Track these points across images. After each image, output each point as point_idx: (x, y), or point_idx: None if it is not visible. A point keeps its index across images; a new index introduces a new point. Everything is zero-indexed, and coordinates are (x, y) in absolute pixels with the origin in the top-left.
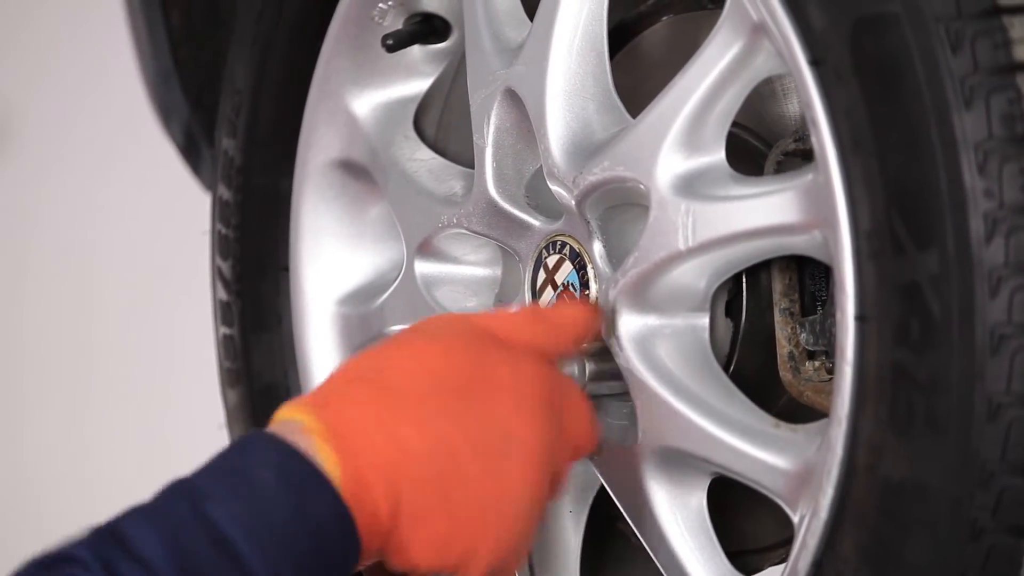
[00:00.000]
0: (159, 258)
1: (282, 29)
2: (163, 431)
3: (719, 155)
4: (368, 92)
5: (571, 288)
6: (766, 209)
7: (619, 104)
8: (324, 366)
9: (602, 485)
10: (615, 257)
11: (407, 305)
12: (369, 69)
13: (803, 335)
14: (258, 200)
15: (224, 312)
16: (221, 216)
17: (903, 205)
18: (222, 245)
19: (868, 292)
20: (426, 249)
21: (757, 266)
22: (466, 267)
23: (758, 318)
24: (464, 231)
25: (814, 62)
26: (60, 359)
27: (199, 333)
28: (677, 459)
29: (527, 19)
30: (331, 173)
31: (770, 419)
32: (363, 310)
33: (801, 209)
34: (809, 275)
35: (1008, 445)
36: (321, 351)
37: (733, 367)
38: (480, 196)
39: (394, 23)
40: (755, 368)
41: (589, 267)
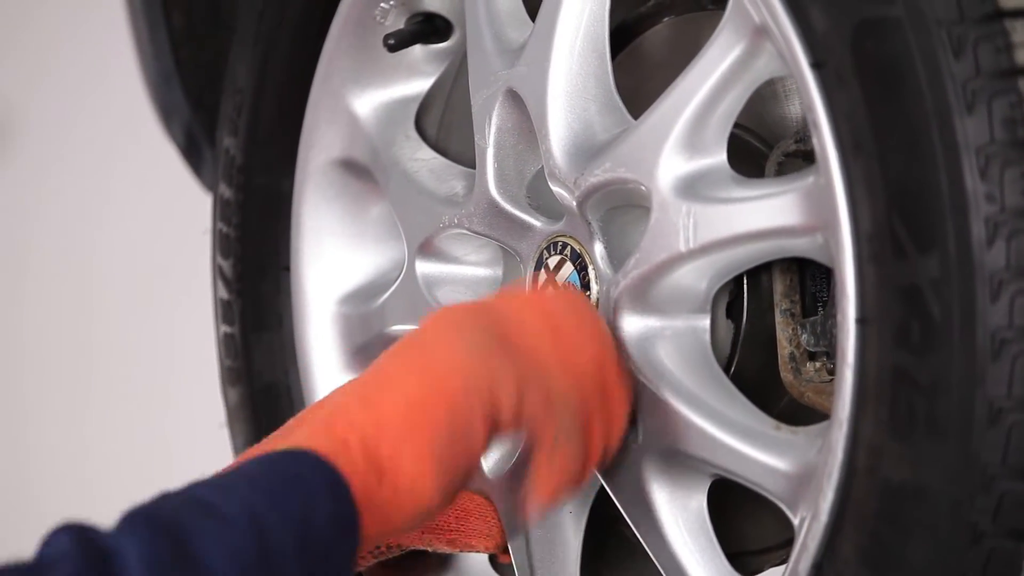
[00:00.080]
0: (159, 258)
1: (284, 29)
2: (163, 430)
3: (720, 157)
4: (370, 92)
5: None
6: (767, 211)
7: (621, 105)
8: (325, 365)
9: (602, 486)
10: (616, 258)
11: (408, 305)
12: (371, 69)
13: (804, 336)
14: (259, 199)
15: (225, 311)
16: (222, 215)
17: (904, 208)
18: (223, 244)
19: (869, 295)
20: (427, 249)
21: (758, 267)
22: (467, 267)
23: (759, 319)
24: (465, 231)
25: (816, 64)
26: (60, 359)
27: (200, 332)
28: (677, 460)
29: (529, 20)
30: (332, 172)
31: (771, 421)
32: (364, 310)
33: (802, 211)
34: (810, 276)
35: (1009, 449)
36: (322, 350)
37: (734, 368)
38: (481, 196)
39: (396, 23)
40: (756, 369)
41: (590, 268)
